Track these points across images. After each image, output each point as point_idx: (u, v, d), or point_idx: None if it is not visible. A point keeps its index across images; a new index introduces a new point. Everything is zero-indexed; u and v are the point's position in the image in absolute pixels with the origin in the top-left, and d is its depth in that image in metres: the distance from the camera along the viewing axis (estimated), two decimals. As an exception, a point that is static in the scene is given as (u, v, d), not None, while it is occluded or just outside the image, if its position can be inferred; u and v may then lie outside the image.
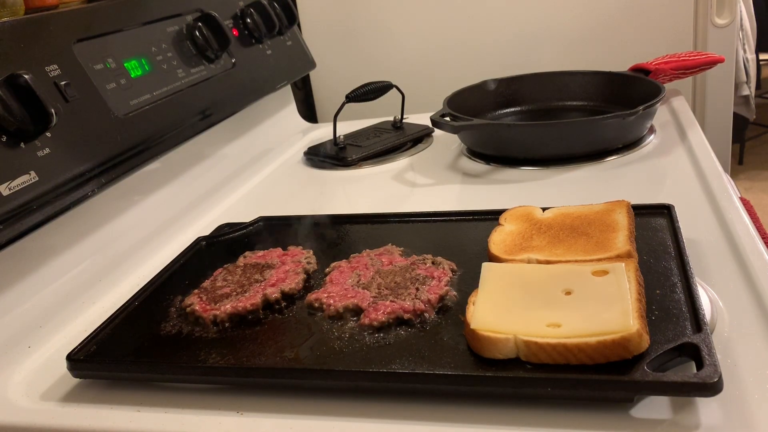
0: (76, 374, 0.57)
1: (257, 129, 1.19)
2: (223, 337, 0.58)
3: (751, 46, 2.68)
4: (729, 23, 1.28)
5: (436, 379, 0.49)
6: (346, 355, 0.53)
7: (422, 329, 0.55)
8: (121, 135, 0.79)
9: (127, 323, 0.62)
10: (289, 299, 0.62)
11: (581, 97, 1.14)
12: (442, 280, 0.60)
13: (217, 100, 1.00)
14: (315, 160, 1.12)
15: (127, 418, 0.52)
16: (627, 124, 0.92)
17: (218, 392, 0.54)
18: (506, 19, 1.38)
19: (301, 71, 1.30)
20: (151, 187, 0.89)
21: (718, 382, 0.42)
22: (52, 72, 0.73)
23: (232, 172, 1.06)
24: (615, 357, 0.45)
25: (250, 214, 0.84)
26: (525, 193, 0.87)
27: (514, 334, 0.48)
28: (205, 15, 0.99)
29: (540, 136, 0.95)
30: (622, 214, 0.65)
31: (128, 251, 0.81)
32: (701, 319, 0.48)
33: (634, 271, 0.54)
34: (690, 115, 1.05)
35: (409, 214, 0.78)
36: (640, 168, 0.89)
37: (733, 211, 0.70)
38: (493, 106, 1.16)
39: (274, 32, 1.17)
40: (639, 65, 1.11)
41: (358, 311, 0.58)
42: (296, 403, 0.51)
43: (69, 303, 0.71)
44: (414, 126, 1.17)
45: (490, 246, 0.64)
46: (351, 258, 0.67)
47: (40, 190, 0.67)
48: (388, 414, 0.48)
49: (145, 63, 0.88)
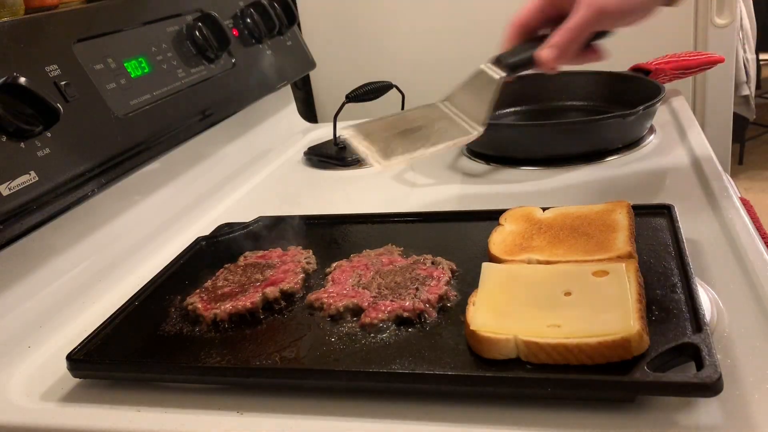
0: (76, 374, 0.57)
1: (257, 129, 1.19)
2: (223, 337, 0.58)
3: (751, 46, 2.68)
4: (729, 23, 1.28)
5: (436, 379, 0.49)
6: (346, 355, 0.53)
7: (422, 329, 0.55)
8: (121, 135, 0.79)
9: (127, 323, 0.62)
10: (289, 299, 0.62)
11: (581, 97, 1.14)
12: (442, 280, 0.60)
13: (217, 100, 1.00)
14: (315, 160, 1.12)
15: (127, 418, 0.52)
16: (627, 124, 0.92)
17: (218, 392, 0.54)
18: (506, 19, 1.38)
19: (301, 71, 1.30)
20: (151, 187, 0.89)
21: (718, 382, 0.42)
22: (52, 72, 0.73)
23: (232, 172, 1.06)
24: (615, 357, 0.45)
25: (250, 214, 0.84)
26: (525, 193, 0.87)
27: (514, 334, 0.48)
28: (205, 15, 0.99)
29: (540, 136, 0.95)
30: (623, 215, 0.65)
31: (128, 251, 0.81)
32: (701, 319, 0.48)
33: (635, 272, 0.54)
34: (690, 115, 1.05)
35: (409, 214, 0.78)
36: (640, 168, 0.89)
37: (733, 211, 0.70)
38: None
39: (274, 32, 1.17)
40: (639, 65, 1.11)
41: (358, 311, 0.58)
42: (296, 403, 0.51)
43: (69, 303, 0.71)
44: (414, 126, 1.17)
45: (490, 246, 0.64)
46: (351, 258, 0.67)
47: (40, 190, 0.67)
48: (388, 414, 0.48)
49: (145, 63, 0.88)
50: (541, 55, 0.68)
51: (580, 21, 0.66)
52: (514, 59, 0.70)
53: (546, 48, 0.68)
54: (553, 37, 0.68)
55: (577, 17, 0.66)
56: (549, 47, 0.68)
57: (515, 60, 0.70)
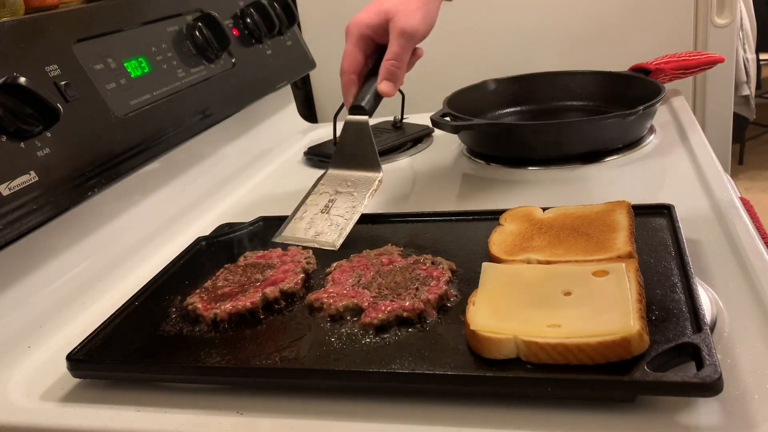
0: (76, 374, 0.57)
1: (257, 129, 1.19)
2: (223, 337, 0.58)
3: (751, 46, 2.68)
4: (729, 23, 1.28)
5: (436, 379, 0.49)
6: (346, 355, 0.53)
7: (422, 329, 0.55)
8: (121, 135, 0.79)
9: (127, 323, 0.62)
10: (289, 299, 0.62)
11: (581, 97, 1.14)
12: (442, 280, 0.60)
13: (217, 100, 1.00)
14: (315, 160, 1.12)
15: (127, 418, 0.52)
16: (627, 124, 0.92)
17: (218, 392, 0.54)
18: (506, 19, 1.38)
19: (301, 71, 1.30)
20: (151, 187, 0.89)
21: (718, 382, 0.42)
22: (52, 72, 0.73)
23: (232, 172, 1.06)
24: (615, 357, 0.45)
25: (250, 214, 0.84)
26: (525, 193, 0.87)
27: (514, 334, 0.48)
28: (205, 15, 0.99)
29: (540, 136, 0.95)
30: (623, 215, 0.65)
31: (128, 251, 0.81)
32: (701, 319, 0.48)
33: (635, 272, 0.54)
34: (690, 115, 1.05)
35: (409, 214, 0.78)
36: (640, 168, 0.89)
37: (733, 211, 0.70)
38: (493, 106, 1.16)
39: (274, 32, 1.17)
40: (639, 65, 1.11)
41: (359, 311, 0.58)
42: (296, 403, 0.51)
43: (69, 303, 0.71)
44: (414, 126, 1.17)
45: (490, 246, 0.64)
46: (351, 258, 0.67)
47: (40, 190, 0.67)
48: (388, 414, 0.48)
49: (145, 63, 0.88)
50: (383, 89, 0.78)
51: (398, 50, 0.77)
52: (366, 102, 0.79)
53: (383, 82, 0.78)
54: (384, 71, 0.78)
55: (395, 47, 0.77)
56: (385, 81, 0.78)
57: (366, 102, 0.79)
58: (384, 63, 0.78)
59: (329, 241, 0.73)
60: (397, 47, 0.77)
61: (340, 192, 0.78)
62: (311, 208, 0.78)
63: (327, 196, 0.79)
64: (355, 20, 0.80)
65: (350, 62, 0.79)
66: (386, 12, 0.78)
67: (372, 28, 0.79)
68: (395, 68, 0.78)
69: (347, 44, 0.80)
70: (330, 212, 0.76)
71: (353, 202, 0.77)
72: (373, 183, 0.78)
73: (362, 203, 0.76)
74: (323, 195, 0.79)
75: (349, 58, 0.79)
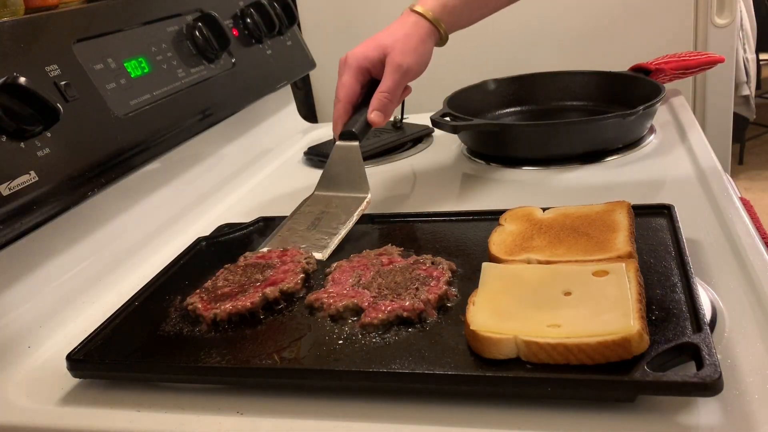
0: (76, 374, 0.57)
1: (257, 129, 1.19)
2: (223, 337, 0.58)
3: (751, 46, 2.68)
4: (729, 23, 1.28)
5: (436, 379, 0.49)
6: (346, 355, 0.53)
7: (422, 329, 0.55)
8: (121, 135, 0.79)
9: (127, 323, 0.62)
10: (289, 299, 0.62)
11: (581, 97, 1.14)
12: (442, 280, 0.60)
13: (217, 100, 1.00)
14: (315, 160, 1.12)
15: (127, 418, 0.52)
16: (627, 124, 0.92)
17: (218, 392, 0.54)
18: (506, 19, 1.37)
19: (301, 71, 1.30)
20: (151, 187, 0.89)
21: (718, 381, 0.42)
22: (52, 72, 0.73)
23: (232, 172, 1.06)
24: (615, 357, 0.45)
25: (250, 214, 0.84)
26: (525, 193, 0.87)
27: (514, 334, 0.48)
28: (205, 15, 0.99)
29: (540, 136, 0.95)
30: (623, 215, 0.65)
31: (128, 251, 0.81)
32: (701, 319, 0.48)
33: (635, 272, 0.54)
34: (690, 115, 1.05)
35: (409, 214, 0.79)
36: (640, 168, 0.89)
37: (733, 211, 0.70)
38: (493, 106, 1.16)
39: (274, 32, 1.17)
40: (639, 65, 1.11)
41: (358, 311, 0.58)
42: (296, 403, 0.51)
43: (69, 303, 0.71)
44: (414, 126, 1.17)
45: (490, 246, 0.64)
46: (351, 258, 0.67)
47: (40, 190, 0.67)
48: (388, 414, 0.48)
49: (145, 63, 0.88)
50: (373, 119, 0.81)
51: (392, 84, 0.80)
52: (357, 129, 0.81)
53: (374, 112, 0.81)
54: (377, 102, 0.81)
55: (389, 81, 0.80)
56: (375, 111, 0.81)
57: (357, 129, 0.81)
58: (377, 94, 0.80)
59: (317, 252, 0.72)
60: (391, 81, 0.80)
61: (326, 212, 0.79)
62: (299, 224, 0.78)
63: (313, 215, 0.79)
64: (353, 53, 0.82)
65: (347, 92, 0.81)
66: (384, 47, 0.81)
67: (370, 61, 0.81)
68: (387, 101, 0.80)
69: (345, 75, 0.81)
70: (318, 227, 0.76)
71: (341, 219, 0.77)
72: (361, 203, 0.78)
73: (351, 219, 0.76)
74: (309, 214, 0.80)
75: (347, 88, 0.81)
